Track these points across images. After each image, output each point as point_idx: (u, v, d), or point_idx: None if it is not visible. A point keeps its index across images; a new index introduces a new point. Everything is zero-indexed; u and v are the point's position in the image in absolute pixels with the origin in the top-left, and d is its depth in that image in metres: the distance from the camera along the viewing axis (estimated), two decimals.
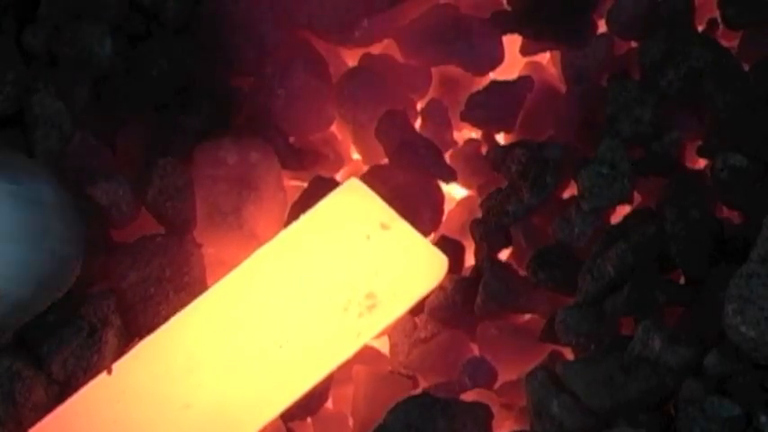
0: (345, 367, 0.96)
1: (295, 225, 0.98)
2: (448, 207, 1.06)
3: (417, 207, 1.02)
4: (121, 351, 0.95)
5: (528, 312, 0.98)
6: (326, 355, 0.93)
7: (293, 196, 1.04)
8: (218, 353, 0.94)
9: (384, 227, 0.98)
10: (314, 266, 0.97)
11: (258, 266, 0.96)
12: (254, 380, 0.93)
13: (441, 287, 0.97)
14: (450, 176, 1.04)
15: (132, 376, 0.92)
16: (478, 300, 0.96)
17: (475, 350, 0.98)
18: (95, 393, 0.92)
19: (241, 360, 0.93)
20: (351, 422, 0.98)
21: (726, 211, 0.96)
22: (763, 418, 0.78)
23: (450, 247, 1.01)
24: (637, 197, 1.01)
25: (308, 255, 0.98)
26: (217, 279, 0.97)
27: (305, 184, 1.05)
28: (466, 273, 1.00)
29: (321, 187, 1.01)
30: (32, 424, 0.91)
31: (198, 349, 0.94)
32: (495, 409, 0.85)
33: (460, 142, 1.08)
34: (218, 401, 0.92)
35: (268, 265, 0.96)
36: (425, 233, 1.02)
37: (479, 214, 1.02)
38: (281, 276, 0.96)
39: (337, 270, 0.97)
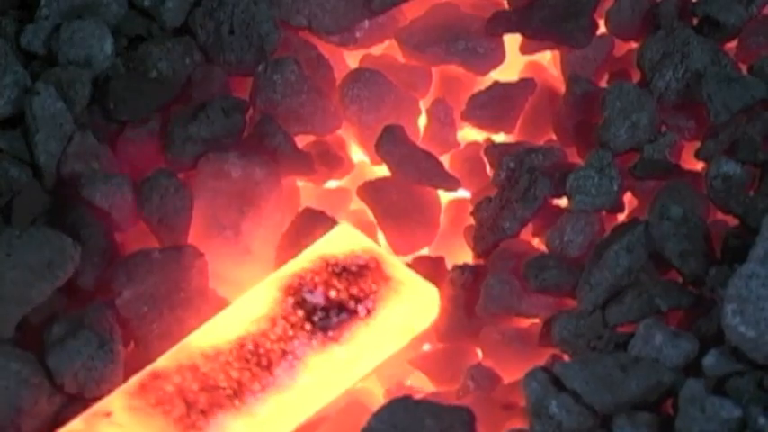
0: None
1: (284, 268, 0.96)
2: (446, 203, 1.06)
3: (412, 223, 1.03)
4: None
5: (530, 317, 0.96)
6: (316, 393, 0.92)
7: (295, 196, 1.04)
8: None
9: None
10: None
11: (248, 305, 0.94)
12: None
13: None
14: (454, 186, 1.03)
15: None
16: (480, 303, 0.95)
17: (477, 356, 0.98)
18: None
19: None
20: None
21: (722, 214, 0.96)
22: (761, 419, 0.78)
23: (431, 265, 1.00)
24: (633, 201, 1.01)
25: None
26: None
27: (309, 185, 1.06)
28: (467, 275, 1.00)
29: (310, 219, 1.00)
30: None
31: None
32: (496, 410, 0.84)
33: (463, 143, 1.08)
34: None
35: (258, 304, 0.94)
36: (419, 247, 1.02)
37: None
38: (270, 316, 0.93)
39: None
